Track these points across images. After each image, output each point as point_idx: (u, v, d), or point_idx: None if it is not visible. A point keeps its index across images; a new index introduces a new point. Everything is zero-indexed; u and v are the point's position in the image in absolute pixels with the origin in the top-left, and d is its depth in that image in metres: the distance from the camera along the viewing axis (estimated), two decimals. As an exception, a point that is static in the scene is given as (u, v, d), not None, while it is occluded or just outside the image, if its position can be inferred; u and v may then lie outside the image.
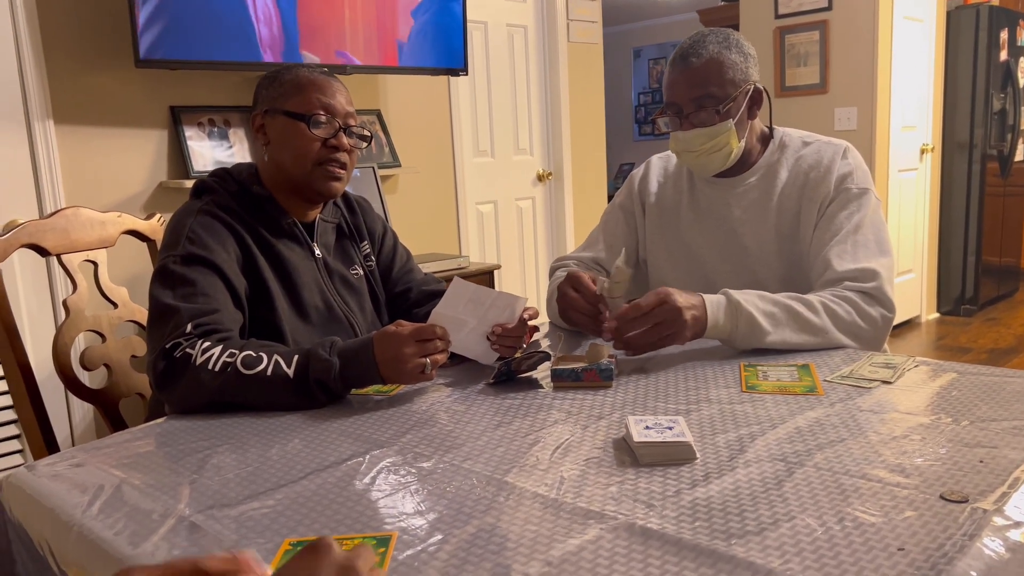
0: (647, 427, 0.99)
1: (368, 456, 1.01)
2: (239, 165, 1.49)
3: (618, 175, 8.51)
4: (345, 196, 1.63)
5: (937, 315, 5.08)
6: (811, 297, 1.40)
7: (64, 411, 2.39)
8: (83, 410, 2.43)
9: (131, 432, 1.17)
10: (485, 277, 3.21)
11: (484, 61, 3.72)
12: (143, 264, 2.27)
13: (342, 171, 1.44)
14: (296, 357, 1.19)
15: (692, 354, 1.39)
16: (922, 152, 4.74)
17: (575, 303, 1.45)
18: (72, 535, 0.87)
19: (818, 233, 1.54)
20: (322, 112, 1.41)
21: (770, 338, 1.35)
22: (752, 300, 1.36)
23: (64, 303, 1.60)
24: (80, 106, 2.44)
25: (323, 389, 1.18)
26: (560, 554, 0.75)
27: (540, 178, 4.03)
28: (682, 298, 1.32)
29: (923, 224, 4.85)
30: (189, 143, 2.63)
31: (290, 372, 1.17)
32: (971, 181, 4.93)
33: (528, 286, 4.05)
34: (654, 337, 1.32)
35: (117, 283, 1.71)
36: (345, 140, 1.43)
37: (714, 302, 1.35)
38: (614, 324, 1.33)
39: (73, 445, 2.40)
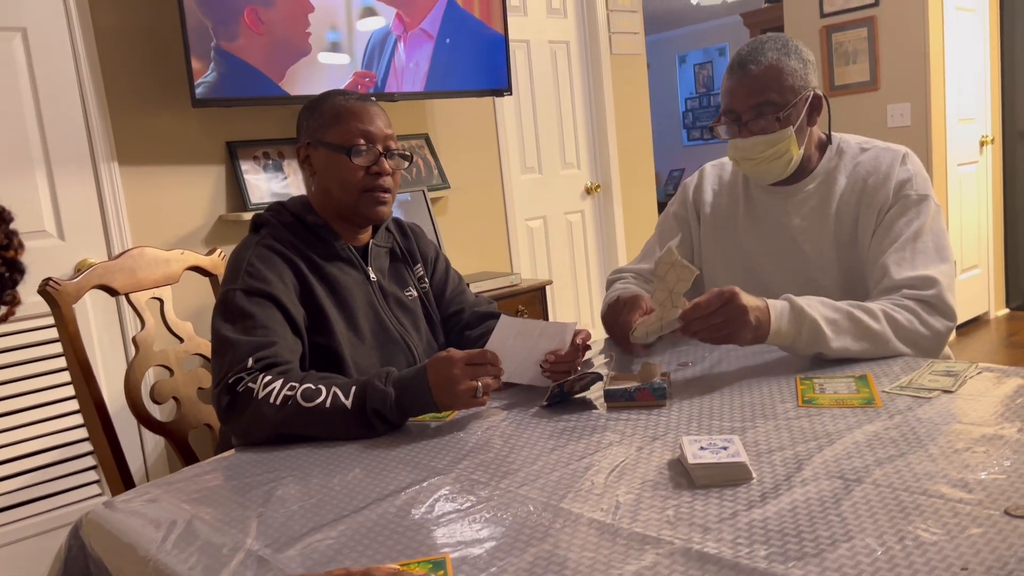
0: (702, 447, 0.99)
1: (426, 483, 1.03)
2: (293, 198, 1.54)
3: (668, 182, 8.45)
4: (398, 222, 1.67)
5: (1007, 311, 4.91)
6: (872, 305, 1.38)
7: (137, 443, 2.48)
8: (155, 441, 2.51)
9: (200, 466, 1.21)
10: (537, 293, 3.23)
11: (528, 79, 3.74)
12: (206, 298, 2.35)
13: (387, 195, 1.48)
14: (353, 389, 1.22)
15: (747, 369, 1.39)
16: (982, 144, 4.61)
17: (612, 328, 1.47)
18: (148, 570, 0.91)
19: (876, 240, 1.51)
20: (362, 140, 1.45)
21: (833, 344, 1.33)
22: (815, 306, 1.34)
23: (134, 339, 1.66)
24: (142, 147, 2.54)
25: (380, 419, 1.21)
26: (617, 580, 0.75)
27: (588, 191, 4.04)
28: (747, 299, 1.30)
29: (987, 218, 4.71)
30: (246, 176, 2.71)
31: (348, 403, 1.21)
32: (1035, 171, 4.77)
33: (581, 300, 4.05)
34: (715, 333, 1.31)
35: (182, 317, 1.78)
36: (387, 164, 1.47)
37: (778, 307, 1.33)
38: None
39: (147, 476, 2.49)
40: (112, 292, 1.65)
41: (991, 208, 4.74)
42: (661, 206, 3.26)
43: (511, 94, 3.32)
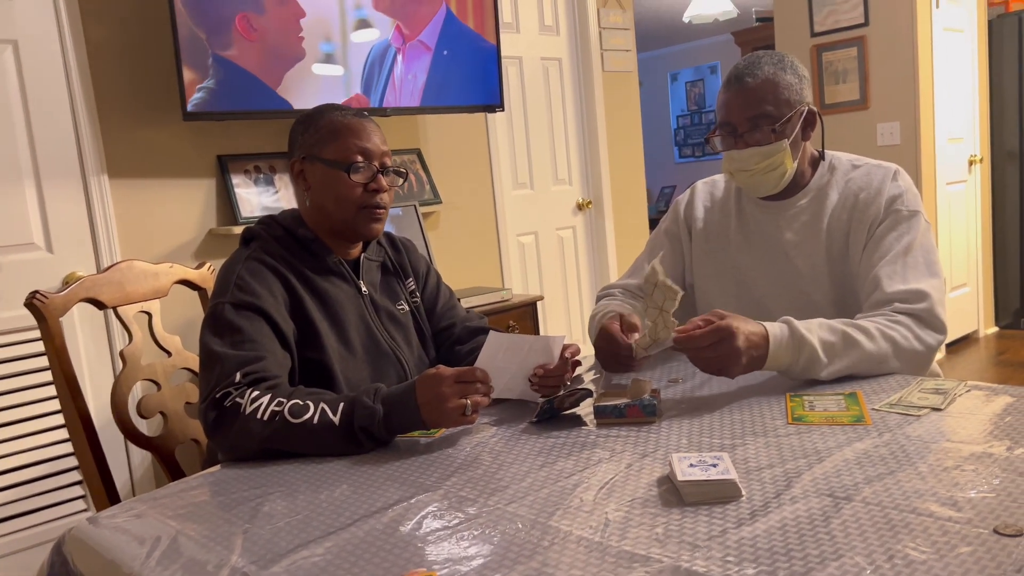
0: (691, 464, 0.99)
1: (414, 500, 1.02)
2: (284, 211, 1.54)
3: (659, 198, 8.49)
4: (389, 236, 1.67)
5: (996, 329, 4.94)
6: (868, 324, 1.37)
7: (123, 457, 2.46)
8: (141, 456, 2.49)
9: (186, 481, 1.20)
10: (528, 309, 3.22)
11: (520, 95, 3.76)
12: (194, 311, 2.33)
13: (382, 212, 1.49)
14: (341, 405, 1.21)
15: (737, 386, 1.38)
16: (970, 163, 4.65)
17: (608, 360, 1.47)
18: (132, 587, 0.89)
19: (867, 254, 1.53)
20: (360, 157, 1.45)
21: (825, 372, 1.33)
22: (815, 330, 1.33)
23: (121, 353, 1.65)
24: (133, 160, 2.53)
25: (368, 436, 1.21)
26: (605, 599, 0.75)
27: (580, 207, 4.05)
28: (743, 337, 1.27)
29: (975, 236, 4.74)
30: (236, 190, 2.71)
31: (336, 420, 1.20)
32: (1023, 190, 4.81)
33: (572, 315, 4.05)
34: (705, 365, 1.31)
35: (170, 331, 1.77)
36: (384, 181, 1.47)
37: (777, 336, 1.31)
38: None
39: (133, 490, 2.46)
40: (100, 305, 1.64)
41: (980, 227, 4.77)
42: (652, 223, 3.26)
43: (503, 110, 3.33)
